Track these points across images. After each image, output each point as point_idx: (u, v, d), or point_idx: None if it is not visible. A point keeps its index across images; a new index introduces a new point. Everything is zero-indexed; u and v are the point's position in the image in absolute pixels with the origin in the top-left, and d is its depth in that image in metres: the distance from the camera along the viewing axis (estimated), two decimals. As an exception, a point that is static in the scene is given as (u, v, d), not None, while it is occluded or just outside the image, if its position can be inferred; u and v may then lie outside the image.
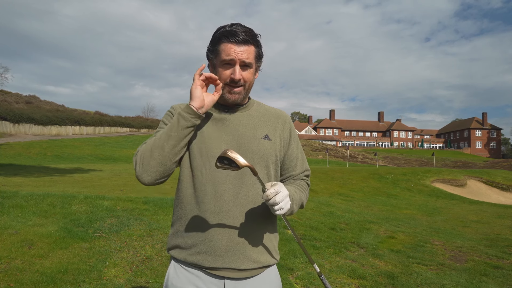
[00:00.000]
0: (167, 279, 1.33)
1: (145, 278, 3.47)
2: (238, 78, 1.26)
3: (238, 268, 1.25)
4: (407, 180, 16.69)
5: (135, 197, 6.37)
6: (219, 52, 1.27)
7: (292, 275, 3.89)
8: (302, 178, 1.43)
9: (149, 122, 49.13)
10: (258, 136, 1.33)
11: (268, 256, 1.33)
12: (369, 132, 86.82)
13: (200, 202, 1.27)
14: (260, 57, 1.34)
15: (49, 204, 5.33)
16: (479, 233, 7.14)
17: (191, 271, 1.28)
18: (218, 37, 1.28)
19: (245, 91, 1.33)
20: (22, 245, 3.81)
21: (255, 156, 1.31)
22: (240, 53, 1.25)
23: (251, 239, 1.28)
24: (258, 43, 1.32)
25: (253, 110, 1.40)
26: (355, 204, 10.49)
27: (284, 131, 1.41)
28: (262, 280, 1.31)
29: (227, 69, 1.28)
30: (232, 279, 1.26)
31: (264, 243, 1.31)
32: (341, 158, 41.96)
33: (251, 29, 1.29)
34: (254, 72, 1.33)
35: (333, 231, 6.11)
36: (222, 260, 1.24)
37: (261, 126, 1.37)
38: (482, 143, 78.41)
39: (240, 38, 1.24)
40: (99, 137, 34.97)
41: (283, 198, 1.11)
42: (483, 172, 20.17)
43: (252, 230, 1.28)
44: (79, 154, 23.12)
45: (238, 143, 1.31)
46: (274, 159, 1.35)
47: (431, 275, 4.21)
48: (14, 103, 36.37)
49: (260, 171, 1.30)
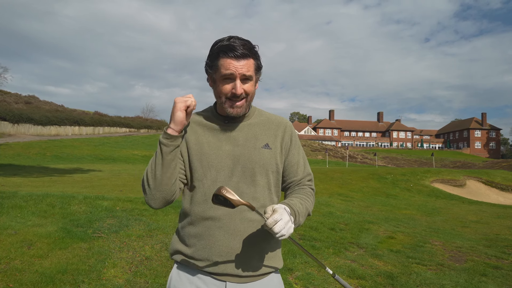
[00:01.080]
0: (169, 281, 1.35)
1: (144, 279, 3.47)
2: (239, 92, 1.27)
3: (239, 274, 1.27)
4: (407, 180, 16.70)
5: (135, 197, 6.37)
6: (219, 67, 1.27)
7: (292, 275, 3.89)
8: (305, 184, 1.42)
9: (149, 123, 49.13)
10: (258, 146, 1.34)
11: (270, 262, 1.33)
12: (368, 132, 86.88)
13: (202, 211, 1.29)
14: (260, 68, 1.34)
15: (49, 204, 5.33)
16: (479, 233, 7.15)
17: (193, 273, 1.31)
18: (217, 52, 1.27)
19: (247, 103, 1.33)
20: (21, 245, 3.81)
21: (255, 166, 1.32)
22: (240, 68, 1.25)
23: (253, 246, 1.29)
24: (257, 55, 1.31)
25: (254, 118, 1.41)
26: (354, 204, 10.50)
27: (285, 139, 1.41)
28: (265, 286, 1.32)
29: (227, 84, 1.28)
30: (233, 282, 1.28)
31: (265, 250, 1.32)
32: (341, 158, 41.99)
33: (249, 41, 1.29)
34: (254, 83, 1.34)
35: (333, 231, 6.11)
36: (223, 267, 1.26)
37: (262, 135, 1.37)
38: (482, 143, 78.51)
39: (239, 53, 1.24)
40: (99, 137, 34.96)
41: (283, 226, 1.11)
42: (483, 172, 20.18)
43: (253, 237, 1.29)
44: (78, 154, 23.10)
45: (238, 153, 1.32)
46: (274, 168, 1.36)
47: (431, 275, 4.21)
48: (14, 103, 36.33)
49: (259, 180, 1.32)
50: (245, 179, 1.30)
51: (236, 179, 1.30)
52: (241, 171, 1.30)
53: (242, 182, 1.30)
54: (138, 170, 14.94)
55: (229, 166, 1.31)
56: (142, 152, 26.23)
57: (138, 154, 25.29)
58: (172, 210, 5.81)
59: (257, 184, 1.31)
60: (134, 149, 27.93)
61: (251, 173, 1.31)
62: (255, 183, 1.31)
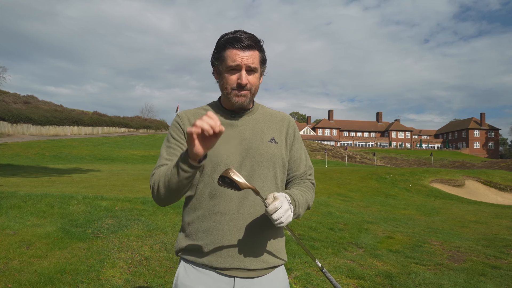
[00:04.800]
0: (176, 278, 1.35)
1: (143, 279, 3.47)
2: (245, 82, 1.29)
3: (247, 268, 1.28)
4: (406, 180, 16.71)
5: (134, 197, 6.36)
6: (225, 59, 1.30)
7: (291, 275, 3.89)
8: (306, 178, 1.46)
9: (148, 123, 49.10)
10: (265, 140, 1.37)
11: (276, 256, 1.36)
12: (367, 132, 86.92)
13: (211, 205, 1.30)
14: (264, 61, 1.37)
15: (47, 204, 5.32)
16: (477, 233, 7.16)
17: (201, 271, 1.30)
18: (223, 44, 1.30)
19: (251, 95, 1.35)
20: (20, 246, 3.80)
21: (263, 159, 1.33)
22: (245, 58, 1.27)
23: (260, 240, 1.31)
24: (262, 48, 1.34)
25: (259, 114, 1.44)
26: (353, 204, 10.51)
27: (289, 133, 1.45)
28: (271, 280, 1.34)
29: (233, 75, 1.30)
30: (241, 278, 1.29)
31: (272, 244, 1.35)
32: (340, 158, 42.01)
33: (254, 35, 1.32)
34: (259, 76, 1.36)
35: (332, 231, 6.12)
36: (231, 261, 1.27)
37: (267, 129, 1.40)
38: (480, 143, 78.63)
39: (244, 44, 1.27)
40: (98, 137, 34.92)
41: (282, 214, 1.13)
42: (481, 173, 20.21)
43: (261, 231, 1.31)
44: (77, 154, 23.07)
45: (246, 146, 1.33)
46: (280, 162, 1.38)
47: (429, 275, 4.22)
48: (12, 103, 36.27)
49: (267, 173, 1.34)
50: (254, 173, 1.32)
51: (245, 172, 1.31)
52: (249, 165, 1.32)
53: (251, 175, 1.31)
54: (137, 170, 14.93)
55: (238, 160, 1.32)
56: (141, 152, 26.21)
57: (137, 154, 25.27)
58: (171, 210, 5.81)
59: (265, 178, 1.33)
60: (133, 149, 27.91)
61: (259, 166, 1.33)
62: (263, 176, 1.33)
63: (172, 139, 1.37)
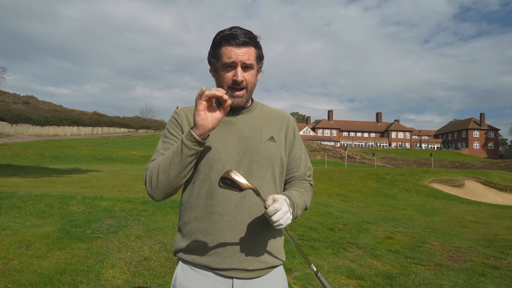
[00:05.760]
0: (174, 279, 1.33)
1: (143, 279, 3.47)
2: (240, 79, 1.27)
3: (246, 268, 1.27)
4: (405, 181, 16.72)
5: (133, 197, 6.36)
6: (221, 56, 1.28)
7: (291, 276, 3.89)
8: (305, 179, 1.45)
9: (147, 123, 49.09)
10: (263, 138, 1.35)
11: (275, 256, 1.35)
12: (367, 132, 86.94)
13: (209, 205, 1.28)
14: (261, 58, 1.35)
15: (47, 204, 5.31)
16: (477, 234, 7.17)
17: (199, 271, 1.29)
18: (219, 41, 1.29)
19: (248, 93, 1.33)
20: (20, 246, 3.80)
21: (261, 158, 1.32)
22: (241, 55, 1.26)
23: (259, 240, 1.30)
24: (258, 44, 1.33)
25: (257, 112, 1.41)
26: (353, 204, 10.51)
27: (289, 133, 1.42)
28: (270, 280, 1.33)
29: (229, 72, 1.28)
30: (240, 279, 1.28)
31: (271, 244, 1.34)
32: (339, 158, 42.01)
33: (250, 31, 1.31)
34: (255, 73, 1.34)
35: (331, 232, 6.12)
36: (230, 261, 1.26)
37: (266, 128, 1.38)
38: (480, 143, 78.66)
39: (240, 41, 1.26)
40: (97, 137, 34.91)
41: (282, 216, 1.13)
42: (481, 173, 20.22)
43: (260, 231, 1.30)
44: (77, 154, 23.06)
45: (244, 145, 1.32)
46: (279, 161, 1.36)
47: (429, 275, 4.22)
48: (12, 103, 36.28)
49: (265, 173, 1.32)
50: (252, 172, 1.30)
51: (243, 171, 1.29)
52: (247, 164, 1.30)
53: (249, 174, 1.29)
54: (137, 170, 14.92)
55: (236, 159, 1.30)
56: (141, 153, 26.20)
57: (137, 155, 25.26)
58: (171, 210, 5.81)
59: (263, 177, 1.32)
60: (133, 149, 27.90)
61: (257, 165, 1.31)
62: (261, 175, 1.31)
63: (169, 135, 1.35)
